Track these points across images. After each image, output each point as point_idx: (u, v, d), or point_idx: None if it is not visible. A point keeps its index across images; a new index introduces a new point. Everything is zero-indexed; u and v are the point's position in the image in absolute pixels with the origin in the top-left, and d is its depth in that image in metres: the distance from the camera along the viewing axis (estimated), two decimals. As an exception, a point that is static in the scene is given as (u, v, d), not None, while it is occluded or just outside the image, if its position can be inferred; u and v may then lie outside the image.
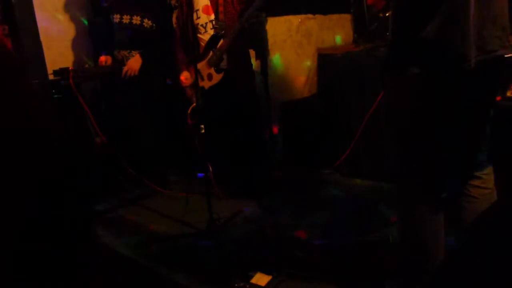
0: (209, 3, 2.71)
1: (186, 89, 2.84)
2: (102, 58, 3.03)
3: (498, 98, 2.02)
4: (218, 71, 2.70)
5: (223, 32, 2.65)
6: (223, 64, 2.72)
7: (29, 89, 0.72)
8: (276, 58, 3.40)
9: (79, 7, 3.70)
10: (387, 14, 2.92)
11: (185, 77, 2.81)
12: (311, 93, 3.47)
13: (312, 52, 3.44)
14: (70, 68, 2.89)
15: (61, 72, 2.87)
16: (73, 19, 3.70)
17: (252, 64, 2.96)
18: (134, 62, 2.98)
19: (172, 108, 3.36)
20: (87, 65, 3.06)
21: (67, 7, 3.67)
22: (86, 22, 3.69)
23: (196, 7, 2.74)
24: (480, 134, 1.49)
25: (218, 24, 2.68)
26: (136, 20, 2.99)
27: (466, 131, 1.48)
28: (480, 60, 1.29)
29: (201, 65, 2.72)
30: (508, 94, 2.09)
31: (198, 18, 2.75)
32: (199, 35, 2.76)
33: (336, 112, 3.12)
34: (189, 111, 2.71)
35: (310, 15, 3.44)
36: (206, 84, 2.75)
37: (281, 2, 3.15)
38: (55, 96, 2.84)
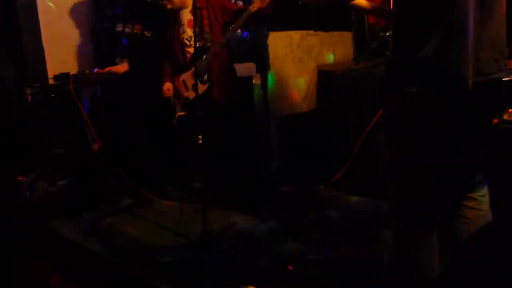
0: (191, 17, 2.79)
1: (169, 99, 2.92)
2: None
3: (495, 120, 2.03)
4: (203, 82, 2.77)
5: (208, 44, 2.76)
6: (209, 76, 2.79)
7: None
8: (277, 72, 3.42)
9: (82, 14, 3.74)
10: (387, 34, 2.95)
11: (167, 88, 2.90)
12: (310, 109, 3.48)
13: (312, 68, 3.46)
14: (70, 73, 2.90)
15: (61, 78, 2.88)
16: (75, 25, 3.73)
17: (236, 76, 3.01)
18: (119, 67, 3.07)
19: (170, 117, 3.36)
20: (87, 71, 3.08)
21: (70, 14, 3.70)
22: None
23: (182, 22, 2.85)
24: (476, 155, 1.49)
25: (203, 37, 2.79)
26: (137, 29, 3.08)
27: (463, 152, 1.48)
28: (477, 82, 1.31)
29: (186, 76, 2.81)
30: (505, 117, 2.10)
31: (183, 32, 2.86)
32: (186, 49, 2.86)
33: (334, 128, 3.13)
34: (175, 120, 2.84)
35: (311, 31, 3.47)
36: (190, 94, 2.81)
37: (282, 17, 3.18)
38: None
